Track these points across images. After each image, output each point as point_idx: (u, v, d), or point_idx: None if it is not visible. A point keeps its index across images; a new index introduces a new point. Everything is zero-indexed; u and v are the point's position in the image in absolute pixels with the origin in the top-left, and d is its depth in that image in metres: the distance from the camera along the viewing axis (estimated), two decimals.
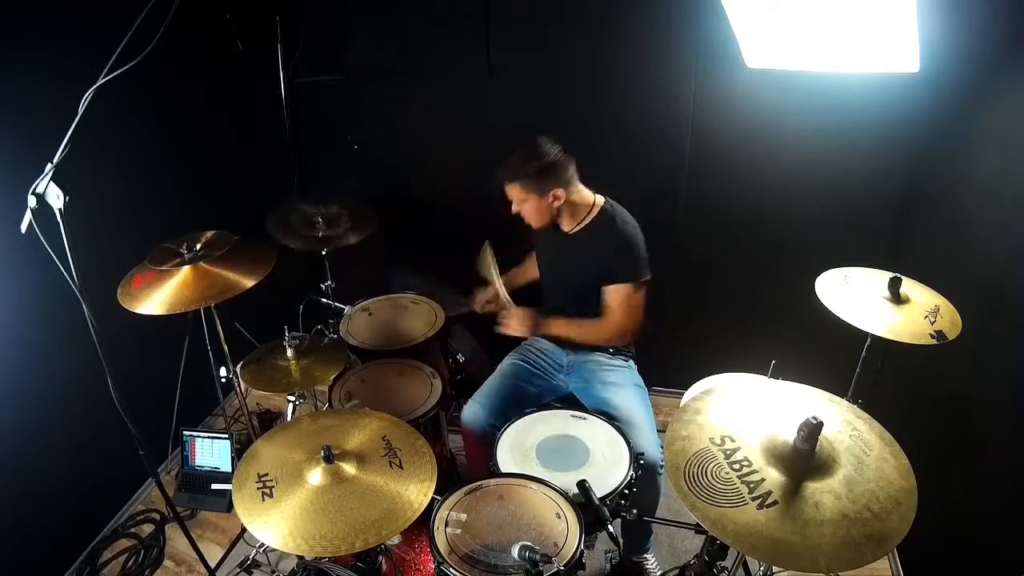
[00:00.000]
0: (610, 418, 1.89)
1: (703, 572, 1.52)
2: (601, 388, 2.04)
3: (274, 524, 1.29)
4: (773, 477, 1.18)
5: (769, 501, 1.13)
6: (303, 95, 2.75)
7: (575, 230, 2.02)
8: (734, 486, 1.17)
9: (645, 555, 2.10)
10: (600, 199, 2.02)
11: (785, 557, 1.06)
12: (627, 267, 1.93)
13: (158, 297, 1.79)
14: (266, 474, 1.40)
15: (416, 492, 1.35)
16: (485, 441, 1.93)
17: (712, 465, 1.21)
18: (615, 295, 1.96)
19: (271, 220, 2.53)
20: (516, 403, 2.02)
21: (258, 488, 1.37)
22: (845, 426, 1.28)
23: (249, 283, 1.88)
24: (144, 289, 1.82)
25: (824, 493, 1.14)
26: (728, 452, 1.24)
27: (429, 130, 2.71)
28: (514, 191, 1.93)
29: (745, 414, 1.33)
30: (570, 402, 2.06)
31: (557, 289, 2.17)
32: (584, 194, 2.00)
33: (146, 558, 2.28)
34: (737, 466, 1.20)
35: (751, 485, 1.16)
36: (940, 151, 2.11)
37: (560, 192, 1.91)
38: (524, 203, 1.94)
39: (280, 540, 1.26)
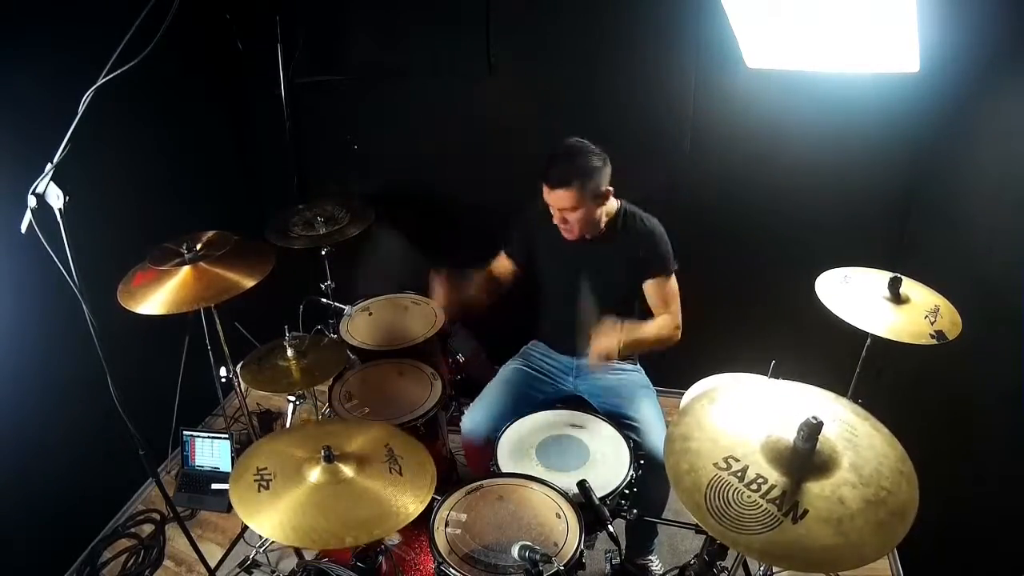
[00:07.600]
0: (626, 421, 1.89)
1: (703, 572, 1.52)
2: (614, 393, 2.01)
3: (266, 513, 1.28)
4: (793, 488, 1.13)
5: (800, 512, 1.10)
6: (303, 95, 2.75)
7: (596, 234, 1.92)
8: (762, 507, 1.11)
9: (650, 557, 2.10)
10: (616, 201, 1.95)
11: (832, 563, 1.04)
12: (662, 259, 1.91)
13: (158, 297, 1.80)
14: (264, 468, 1.40)
15: (411, 500, 1.33)
16: (487, 452, 1.84)
17: (730, 491, 1.15)
18: (659, 289, 1.92)
19: (270, 221, 2.53)
20: (521, 412, 1.93)
21: (255, 480, 1.36)
22: (837, 423, 1.26)
23: (249, 283, 1.88)
24: (144, 289, 1.83)
25: (842, 486, 1.13)
26: (738, 473, 1.18)
27: (429, 130, 2.71)
28: (565, 197, 1.77)
29: (740, 427, 1.28)
30: (570, 402, 2.05)
31: (570, 298, 2.00)
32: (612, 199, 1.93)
33: (146, 558, 2.28)
34: (755, 486, 1.15)
35: (777, 502, 1.11)
36: (940, 151, 2.11)
37: (610, 189, 1.85)
38: (575, 211, 1.80)
39: (270, 528, 1.26)
